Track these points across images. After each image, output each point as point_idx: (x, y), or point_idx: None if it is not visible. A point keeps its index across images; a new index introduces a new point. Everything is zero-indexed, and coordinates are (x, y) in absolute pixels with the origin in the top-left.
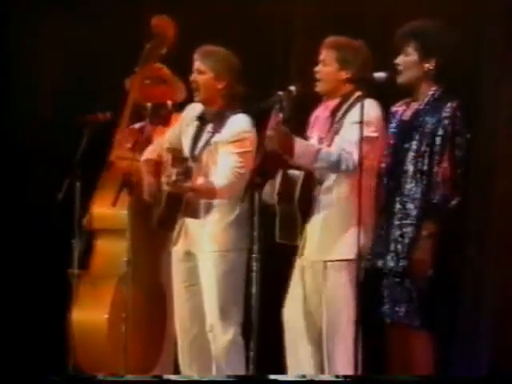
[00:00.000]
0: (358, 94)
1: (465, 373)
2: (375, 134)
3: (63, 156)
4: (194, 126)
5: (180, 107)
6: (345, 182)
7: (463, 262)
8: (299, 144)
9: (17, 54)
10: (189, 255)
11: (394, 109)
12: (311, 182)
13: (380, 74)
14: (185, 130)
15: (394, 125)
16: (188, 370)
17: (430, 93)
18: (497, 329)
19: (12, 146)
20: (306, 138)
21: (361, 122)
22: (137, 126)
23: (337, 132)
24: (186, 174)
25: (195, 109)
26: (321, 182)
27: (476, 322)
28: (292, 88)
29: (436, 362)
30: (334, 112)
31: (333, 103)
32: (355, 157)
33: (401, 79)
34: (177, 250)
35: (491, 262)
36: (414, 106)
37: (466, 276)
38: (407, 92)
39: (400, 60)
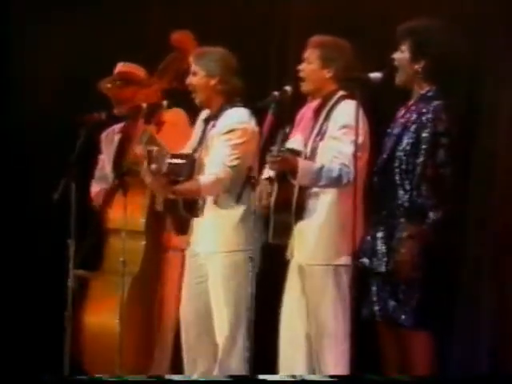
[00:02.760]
0: (340, 93)
1: (465, 373)
2: (361, 138)
3: (61, 156)
4: (200, 128)
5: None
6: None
7: (463, 262)
8: (301, 164)
9: (17, 54)
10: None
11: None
12: (306, 190)
13: (376, 74)
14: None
15: (390, 125)
16: (192, 367)
17: (422, 92)
18: (497, 329)
19: (10, 146)
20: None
21: (356, 127)
22: (117, 127)
23: (322, 138)
24: (169, 169)
25: (204, 114)
26: (310, 187)
27: (476, 322)
28: (287, 88)
29: (436, 362)
30: (316, 112)
31: (315, 103)
32: (353, 169)
33: (397, 81)
34: (190, 249)
35: (491, 261)
36: (407, 105)
37: (465, 276)
38: (405, 94)
39: (396, 55)
